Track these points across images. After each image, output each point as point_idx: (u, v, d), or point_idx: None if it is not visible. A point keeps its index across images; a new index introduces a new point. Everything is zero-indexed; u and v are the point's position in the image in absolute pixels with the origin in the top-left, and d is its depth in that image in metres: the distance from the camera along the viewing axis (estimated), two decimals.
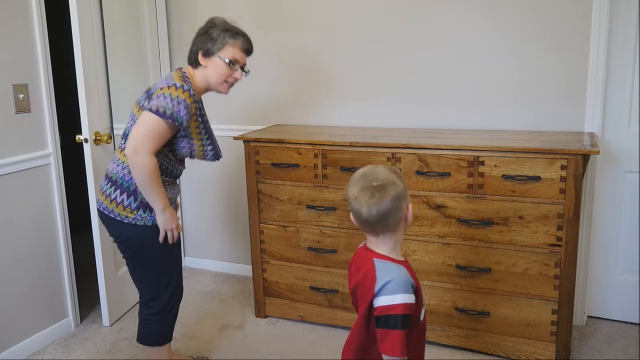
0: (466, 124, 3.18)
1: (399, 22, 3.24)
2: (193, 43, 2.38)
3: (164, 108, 2.18)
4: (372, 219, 1.65)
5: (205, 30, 2.35)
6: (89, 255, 3.30)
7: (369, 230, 1.71)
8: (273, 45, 3.55)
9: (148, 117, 2.20)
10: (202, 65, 2.36)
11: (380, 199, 1.63)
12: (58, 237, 3.11)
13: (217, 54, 2.33)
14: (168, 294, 2.45)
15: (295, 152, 2.99)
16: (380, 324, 1.63)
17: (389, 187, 1.65)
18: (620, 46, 2.89)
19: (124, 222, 2.32)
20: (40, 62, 2.95)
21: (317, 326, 3.17)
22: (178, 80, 2.27)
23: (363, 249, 1.79)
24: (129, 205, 2.30)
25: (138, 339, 2.53)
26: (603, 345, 2.94)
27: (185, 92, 2.23)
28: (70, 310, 3.20)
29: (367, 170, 1.71)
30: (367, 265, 1.70)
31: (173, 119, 2.20)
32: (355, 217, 1.72)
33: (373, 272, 1.67)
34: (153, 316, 2.46)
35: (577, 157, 2.48)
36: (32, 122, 2.94)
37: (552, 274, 2.63)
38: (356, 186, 1.68)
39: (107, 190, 2.36)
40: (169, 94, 2.20)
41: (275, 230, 3.14)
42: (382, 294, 1.63)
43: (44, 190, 3.02)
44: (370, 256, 1.72)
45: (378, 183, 1.65)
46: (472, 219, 2.71)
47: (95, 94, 3.07)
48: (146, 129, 2.20)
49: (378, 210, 1.64)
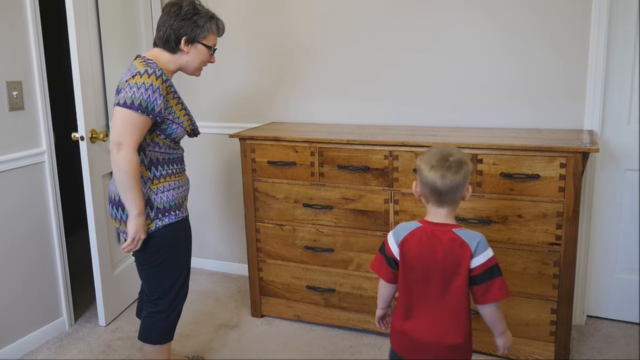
0: (464, 121, 3.16)
1: (398, 19, 3.21)
2: (171, 27, 2.25)
3: (131, 99, 2.13)
4: (446, 189, 1.81)
5: (189, 16, 2.25)
6: (84, 254, 3.28)
7: (436, 200, 1.85)
8: (269, 42, 3.53)
9: (119, 112, 2.15)
10: (182, 51, 2.30)
11: (456, 173, 1.80)
12: (52, 236, 3.09)
13: (202, 41, 2.30)
14: (174, 292, 2.43)
15: (291, 150, 2.97)
16: (485, 279, 1.81)
17: (463, 164, 1.83)
18: (620, 42, 2.87)
19: (152, 232, 2.29)
20: (34, 59, 2.93)
21: (314, 326, 3.15)
22: (141, 66, 2.20)
23: (427, 228, 1.87)
24: (148, 216, 2.27)
25: (140, 337, 2.48)
26: (603, 345, 2.92)
27: (152, 75, 2.16)
28: (64, 309, 3.17)
29: (443, 147, 1.88)
30: (447, 237, 1.83)
31: (142, 109, 2.14)
32: (425, 185, 1.84)
33: (460, 240, 1.82)
34: (157, 314, 2.43)
35: (576, 155, 2.46)
36: (26, 119, 2.92)
37: (551, 273, 2.61)
38: (434, 158, 1.83)
39: (117, 214, 2.30)
40: (135, 83, 2.14)
41: (272, 229, 3.12)
42: (478, 254, 1.81)
43: (38, 188, 3.00)
44: (445, 229, 1.85)
45: (454, 158, 1.82)
46: (470, 217, 2.69)
47: (91, 91, 3.04)
48: (121, 124, 2.14)
49: (452, 182, 1.80)
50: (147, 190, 2.25)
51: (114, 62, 3.22)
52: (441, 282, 1.84)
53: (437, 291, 1.85)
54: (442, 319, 1.86)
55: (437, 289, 1.85)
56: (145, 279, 2.43)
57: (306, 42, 3.45)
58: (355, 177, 2.87)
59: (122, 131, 2.14)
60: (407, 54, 3.23)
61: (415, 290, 1.89)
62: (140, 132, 2.17)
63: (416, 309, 1.90)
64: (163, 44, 2.29)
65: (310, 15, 3.41)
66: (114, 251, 3.28)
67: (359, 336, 3.03)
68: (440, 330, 1.86)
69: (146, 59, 2.26)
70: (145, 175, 2.26)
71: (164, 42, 2.28)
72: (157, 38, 2.31)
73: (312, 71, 3.47)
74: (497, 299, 1.83)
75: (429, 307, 1.87)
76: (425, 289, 1.87)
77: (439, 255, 1.83)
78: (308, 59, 3.46)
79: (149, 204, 2.26)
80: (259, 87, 3.62)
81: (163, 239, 2.32)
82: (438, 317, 1.86)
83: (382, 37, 3.26)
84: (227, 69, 3.64)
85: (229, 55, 3.58)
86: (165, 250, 2.34)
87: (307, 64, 3.47)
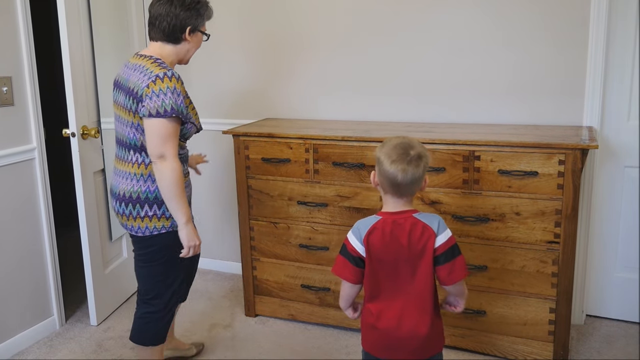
0: (461, 117, 3.14)
1: (393, 14, 3.19)
2: (177, 17, 2.22)
3: (162, 107, 2.11)
4: (406, 182, 1.84)
5: (192, 5, 2.24)
6: (75, 252, 3.24)
7: (395, 192, 1.88)
8: (263, 37, 3.49)
9: (154, 124, 2.13)
10: (185, 41, 2.28)
11: (417, 166, 1.84)
12: (42, 233, 3.05)
13: (200, 29, 2.31)
14: (170, 293, 2.39)
15: (286, 146, 2.93)
16: (448, 258, 1.87)
17: (423, 157, 1.86)
18: (619, 37, 2.85)
19: (161, 233, 2.28)
20: (25, 55, 2.89)
21: (309, 325, 3.12)
22: (157, 69, 2.16)
23: (388, 219, 1.89)
24: (163, 215, 2.26)
25: (132, 338, 2.44)
26: (602, 344, 2.90)
27: (172, 78, 2.15)
28: (55, 308, 3.14)
29: (403, 139, 1.89)
30: (408, 223, 1.87)
31: (177, 113, 2.14)
32: (386, 178, 1.86)
33: (421, 222, 1.87)
34: (151, 314, 2.39)
35: (575, 151, 2.44)
36: (16, 115, 2.88)
37: (549, 271, 2.59)
38: (395, 151, 1.85)
39: (131, 211, 2.27)
40: (160, 90, 2.11)
41: (266, 227, 3.08)
42: (439, 233, 1.87)
43: (28, 185, 2.96)
44: (405, 216, 1.89)
45: (415, 152, 1.85)
46: (468, 215, 2.66)
47: (83, 87, 3.01)
48: (159, 134, 2.13)
49: (413, 176, 1.84)
50: (156, 189, 2.24)
51: (105, 57, 3.19)
52: (409, 268, 1.88)
53: (406, 279, 1.89)
54: (413, 309, 1.89)
55: (405, 276, 1.89)
56: (144, 278, 2.39)
57: (301, 38, 3.42)
58: (351, 174, 2.83)
59: (161, 143, 2.13)
60: (403, 49, 3.20)
61: (384, 283, 1.91)
62: (176, 138, 2.18)
63: (386, 304, 1.91)
64: (167, 35, 2.25)
65: (304, 10, 3.38)
66: (105, 249, 3.24)
67: (355, 336, 3.00)
68: (414, 321, 1.89)
69: (155, 58, 2.22)
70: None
71: (168, 33, 2.24)
72: (157, 31, 2.25)
73: (306, 67, 3.43)
74: (462, 277, 1.91)
75: (399, 299, 1.90)
76: (393, 280, 1.90)
77: (404, 241, 1.86)
78: (303, 54, 3.43)
79: (156, 202, 2.25)
80: (253, 83, 3.58)
81: (169, 240, 2.30)
82: (409, 307, 1.89)
83: (377, 32, 3.23)
84: (220, 64, 3.60)
85: (222, 50, 3.55)
86: (168, 251, 2.32)
87: (301, 60, 3.44)
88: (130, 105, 2.19)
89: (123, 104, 2.23)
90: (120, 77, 2.30)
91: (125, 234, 3.44)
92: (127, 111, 2.21)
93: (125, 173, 2.28)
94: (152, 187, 2.24)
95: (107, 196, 3.23)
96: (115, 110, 2.34)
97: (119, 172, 2.32)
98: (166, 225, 2.27)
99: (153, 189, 2.24)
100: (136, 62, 2.25)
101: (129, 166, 2.27)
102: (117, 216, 2.35)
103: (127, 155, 2.28)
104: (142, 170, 2.24)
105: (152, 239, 2.28)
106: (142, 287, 2.41)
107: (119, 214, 2.32)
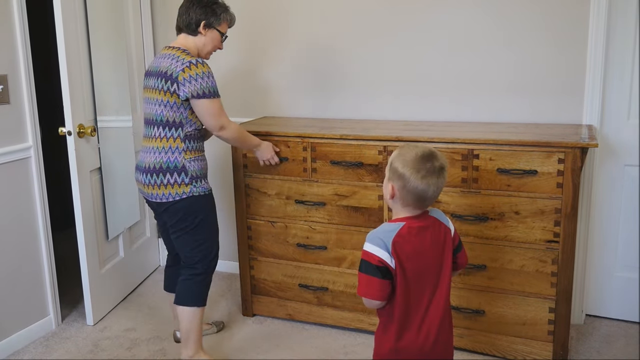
0: (460, 116, 3.12)
1: (393, 13, 3.17)
2: (193, 12, 2.57)
3: (207, 88, 2.46)
4: (435, 196, 1.82)
5: (209, 4, 2.59)
6: (71, 251, 3.22)
7: (420, 205, 1.83)
8: (261, 35, 3.47)
9: (203, 104, 2.47)
10: (201, 34, 2.61)
11: (444, 179, 1.82)
12: (38, 232, 3.03)
13: (216, 27, 2.63)
14: (211, 256, 2.68)
15: (283, 145, 2.91)
16: (460, 244, 1.97)
17: (445, 167, 1.83)
18: (619, 35, 2.83)
19: (182, 198, 2.54)
20: (20, 53, 2.87)
21: (306, 325, 3.11)
22: (187, 56, 2.49)
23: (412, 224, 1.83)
24: (183, 181, 2.53)
25: (177, 301, 2.65)
26: (602, 344, 2.89)
27: (205, 64, 2.49)
28: (51, 308, 3.12)
29: (423, 150, 1.81)
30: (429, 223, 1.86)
31: (216, 92, 2.51)
32: (413, 194, 1.79)
33: (438, 221, 1.88)
34: (196, 276, 2.64)
35: (575, 150, 2.43)
36: (12, 114, 2.86)
37: (549, 271, 2.58)
38: (422, 165, 1.77)
39: (156, 180, 2.54)
40: (196, 74, 2.44)
41: (263, 226, 3.06)
42: (450, 225, 1.91)
43: (24, 184, 2.94)
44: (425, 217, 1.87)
45: (439, 164, 1.80)
46: (467, 214, 2.65)
47: (79, 85, 3.00)
48: (210, 112, 2.50)
49: (441, 190, 1.83)
50: (182, 159, 2.53)
51: (102, 55, 3.17)
52: (435, 268, 1.84)
53: (432, 280, 1.83)
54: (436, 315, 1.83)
55: (431, 278, 1.83)
56: (184, 245, 2.63)
57: (300, 36, 3.40)
58: (349, 173, 2.81)
59: (216, 118, 2.52)
60: (402, 47, 3.18)
61: (412, 293, 1.81)
62: (223, 109, 2.57)
63: (413, 316, 1.82)
64: (186, 27, 2.60)
65: (303, 8, 3.36)
66: (102, 248, 3.23)
67: (352, 335, 2.98)
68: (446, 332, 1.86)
69: (182, 49, 2.56)
70: (180, 146, 2.53)
71: (186, 25, 2.59)
72: (180, 24, 2.62)
73: (305, 65, 3.42)
74: (467, 257, 2.03)
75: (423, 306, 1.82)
76: (420, 286, 1.81)
77: (428, 242, 1.84)
78: (301, 53, 3.41)
79: (184, 170, 2.53)
80: (251, 81, 3.57)
81: (198, 204, 2.59)
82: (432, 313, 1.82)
83: (377, 31, 3.22)
84: (218, 61, 3.57)
85: None
86: (200, 214, 2.59)
87: (300, 58, 3.42)
88: (161, 85, 2.49)
89: (153, 86, 2.54)
90: (151, 67, 2.61)
91: (122, 233, 3.42)
92: (157, 91, 2.51)
93: (151, 148, 2.56)
94: (172, 158, 2.52)
95: (103, 195, 3.21)
96: (144, 94, 2.64)
97: (146, 148, 2.60)
98: (186, 191, 2.54)
99: (173, 159, 2.52)
100: (166, 52, 2.57)
101: (154, 141, 2.55)
102: (144, 187, 2.60)
103: (152, 132, 2.56)
104: (163, 143, 2.52)
105: (175, 204, 2.55)
106: (185, 254, 2.65)
107: (145, 184, 2.58)
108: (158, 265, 3.93)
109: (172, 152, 2.52)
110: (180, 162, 2.52)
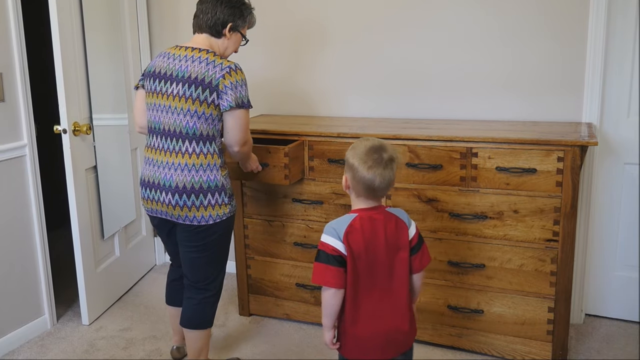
0: (459, 114, 3.11)
1: (389, 10, 3.15)
2: (221, 12, 2.35)
3: (245, 98, 2.29)
4: (383, 187, 1.86)
5: (237, 5, 2.39)
6: (67, 250, 3.20)
7: (370, 195, 1.89)
8: (259, 34, 3.44)
9: (240, 114, 2.28)
10: (224, 37, 2.39)
11: (392, 171, 1.86)
12: (34, 232, 3.01)
13: (240, 31, 2.44)
14: (222, 276, 2.55)
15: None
16: (418, 246, 1.95)
17: (394, 159, 1.88)
18: (619, 33, 2.82)
19: (222, 220, 2.38)
20: (15, 50, 2.85)
21: (304, 325, 3.09)
22: (224, 60, 2.29)
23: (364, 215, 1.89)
24: (223, 202, 2.36)
25: (190, 325, 2.49)
26: (601, 344, 2.88)
27: (240, 71, 2.31)
28: (46, 308, 3.10)
29: (373, 142, 1.88)
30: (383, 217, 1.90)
31: (249, 104, 2.32)
32: (362, 184, 1.86)
33: (394, 216, 1.92)
34: (210, 298, 2.50)
35: (574, 148, 2.41)
36: (6, 111, 2.84)
37: (548, 270, 2.56)
38: (369, 156, 1.84)
39: (194, 202, 2.31)
40: (237, 82, 2.26)
41: (260, 225, 3.04)
42: (410, 225, 1.95)
43: (19, 182, 2.92)
44: (379, 210, 1.91)
45: (388, 156, 1.86)
46: (465, 213, 2.63)
47: (74, 83, 2.98)
48: (243, 124, 2.31)
49: (389, 180, 1.87)
50: (220, 177, 2.34)
51: (97, 53, 3.16)
52: (387, 264, 1.89)
53: (385, 276, 1.89)
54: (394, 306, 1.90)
55: (384, 273, 1.89)
56: (199, 267, 2.45)
57: (298, 35, 3.38)
58: None
59: (244, 132, 2.33)
60: (399, 45, 3.17)
61: (362, 282, 1.88)
62: None
63: (364, 305, 1.89)
64: (210, 28, 2.36)
65: (303, 8, 3.34)
66: (97, 248, 3.21)
67: None
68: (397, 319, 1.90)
69: (211, 51, 2.32)
70: (217, 162, 2.34)
71: (210, 26, 2.36)
72: (202, 23, 2.37)
73: (302, 64, 3.40)
74: (429, 260, 2.00)
75: (379, 297, 1.89)
76: (372, 277, 1.88)
77: (381, 236, 1.87)
78: (299, 51, 3.39)
79: (224, 190, 2.36)
80: (248, 78, 3.52)
81: (232, 224, 2.46)
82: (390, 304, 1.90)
83: (373, 28, 3.20)
84: None
85: None
86: (224, 237, 2.45)
87: (297, 57, 3.41)
88: (196, 95, 2.24)
89: (178, 93, 2.26)
90: (163, 68, 2.31)
91: (117, 232, 3.40)
92: (186, 99, 2.25)
93: (178, 165, 2.30)
94: (211, 176, 2.31)
95: (99, 194, 3.19)
96: (156, 100, 2.33)
97: (167, 164, 2.31)
98: (226, 212, 2.38)
99: (213, 178, 2.31)
100: (184, 53, 2.31)
101: (182, 157, 2.30)
102: (168, 208, 2.34)
103: (178, 146, 2.30)
104: (201, 160, 2.29)
105: (214, 226, 2.36)
106: (198, 276, 2.47)
107: (173, 205, 2.32)
108: (154, 265, 3.91)
109: (211, 169, 2.30)
110: (220, 180, 2.33)
